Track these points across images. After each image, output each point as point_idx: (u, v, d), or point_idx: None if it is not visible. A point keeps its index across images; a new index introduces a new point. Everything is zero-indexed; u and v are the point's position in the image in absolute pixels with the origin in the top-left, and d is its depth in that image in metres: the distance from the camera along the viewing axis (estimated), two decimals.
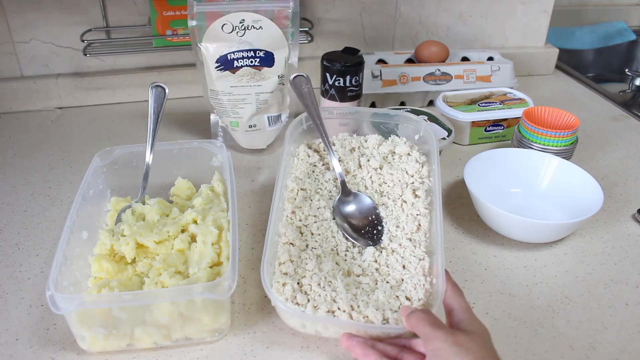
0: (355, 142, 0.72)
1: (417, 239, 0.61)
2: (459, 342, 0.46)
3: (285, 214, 0.62)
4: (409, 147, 0.71)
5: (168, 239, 0.62)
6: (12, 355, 0.53)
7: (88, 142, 0.90)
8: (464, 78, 1.00)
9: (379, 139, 0.72)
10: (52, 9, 0.94)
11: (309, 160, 0.68)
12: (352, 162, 0.69)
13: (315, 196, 0.65)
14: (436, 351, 0.46)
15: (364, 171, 0.69)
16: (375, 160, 0.69)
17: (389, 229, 0.63)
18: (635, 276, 0.65)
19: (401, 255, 0.59)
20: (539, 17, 1.15)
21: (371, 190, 0.67)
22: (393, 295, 0.54)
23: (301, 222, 0.62)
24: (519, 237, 0.68)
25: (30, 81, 0.98)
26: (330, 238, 0.61)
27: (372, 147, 0.71)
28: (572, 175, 0.73)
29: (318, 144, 0.71)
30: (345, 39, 1.07)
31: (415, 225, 0.62)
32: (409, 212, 0.64)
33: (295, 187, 0.64)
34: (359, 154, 0.71)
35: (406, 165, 0.69)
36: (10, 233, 0.70)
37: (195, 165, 0.72)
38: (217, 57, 0.78)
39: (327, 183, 0.67)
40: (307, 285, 0.55)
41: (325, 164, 0.69)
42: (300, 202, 0.63)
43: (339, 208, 0.64)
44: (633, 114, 1.03)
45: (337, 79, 0.82)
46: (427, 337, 0.47)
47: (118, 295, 0.52)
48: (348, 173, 0.68)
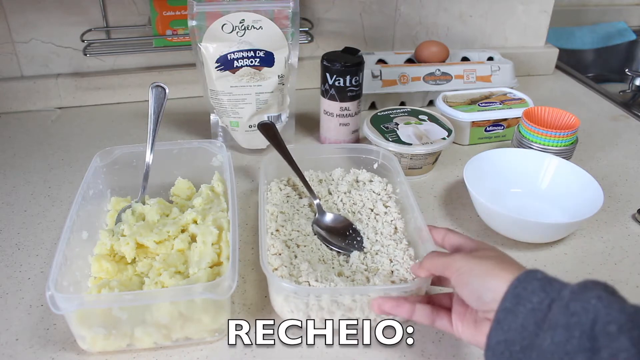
0: (322, 175, 0.77)
1: (397, 238, 0.65)
2: (477, 256, 0.47)
3: (270, 231, 0.64)
4: (370, 175, 0.76)
5: (168, 239, 0.62)
6: (12, 355, 0.53)
7: (88, 142, 0.90)
8: (464, 78, 1.00)
9: (343, 171, 0.77)
10: (52, 9, 0.94)
11: (281, 193, 0.72)
12: (322, 190, 0.74)
13: (294, 216, 0.68)
14: (460, 270, 0.46)
15: (335, 196, 0.73)
16: (343, 186, 0.74)
17: (368, 237, 0.66)
18: (635, 276, 0.65)
19: (385, 252, 0.63)
20: (539, 17, 1.15)
21: (344, 212, 0.71)
22: (388, 280, 0.57)
23: (286, 236, 0.64)
24: (519, 237, 0.68)
25: (30, 81, 0.98)
26: (315, 250, 0.64)
27: (337, 179, 0.76)
28: (572, 175, 0.73)
29: (288, 179, 0.76)
30: (345, 39, 1.07)
31: (392, 228, 0.66)
32: (384, 220, 0.68)
33: (275, 211, 0.67)
34: (327, 184, 0.76)
35: (372, 187, 0.74)
36: (10, 233, 0.70)
37: (195, 165, 0.72)
38: (217, 57, 0.78)
39: (303, 208, 0.71)
40: (305, 282, 0.56)
41: (298, 193, 0.73)
42: (282, 222, 0.66)
43: (318, 226, 0.67)
44: (633, 114, 1.03)
45: (337, 79, 0.82)
46: (447, 264, 0.48)
47: (118, 295, 0.52)
48: (320, 199, 0.72)
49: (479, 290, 0.44)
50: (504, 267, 0.45)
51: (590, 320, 0.37)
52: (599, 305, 0.37)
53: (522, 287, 0.42)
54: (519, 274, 0.43)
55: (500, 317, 0.42)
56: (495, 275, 0.44)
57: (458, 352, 0.54)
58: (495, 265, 0.45)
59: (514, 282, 0.42)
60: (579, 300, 0.38)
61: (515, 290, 0.42)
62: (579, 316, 0.37)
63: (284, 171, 0.74)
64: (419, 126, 0.83)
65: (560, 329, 0.38)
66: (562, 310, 0.39)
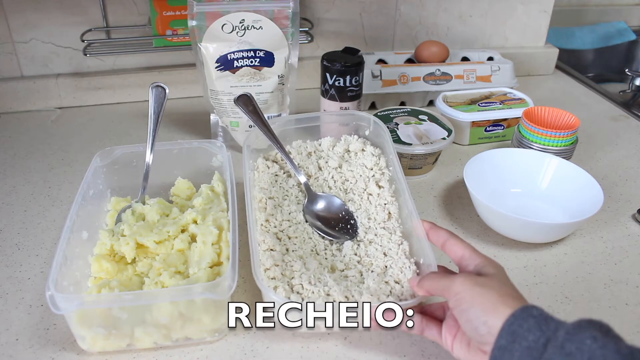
0: (310, 146, 0.74)
1: (390, 226, 0.63)
2: (479, 282, 0.46)
3: (260, 222, 0.63)
4: (362, 143, 0.73)
5: (168, 239, 0.62)
6: (12, 355, 0.53)
7: (88, 142, 0.90)
8: (464, 78, 1.00)
9: (332, 140, 0.74)
10: (52, 9, 0.94)
11: (269, 172, 0.70)
12: (311, 166, 0.71)
13: (284, 203, 0.67)
14: (458, 295, 0.46)
15: (325, 172, 0.71)
16: (333, 161, 0.71)
17: (361, 222, 0.65)
18: (635, 276, 0.65)
19: (379, 244, 0.62)
20: (539, 17, 1.15)
21: (335, 190, 0.69)
22: (382, 281, 0.56)
23: (276, 228, 0.63)
24: (519, 237, 0.68)
25: (30, 81, 0.98)
26: (307, 239, 0.63)
27: (327, 149, 0.74)
28: (572, 175, 0.73)
29: (275, 154, 0.73)
30: (345, 39, 1.07)
31: (386, 214, 0.65)
32: (377, 203, 0.66)
33: (263, 197, 0.66)
34: (317, 157, 0.73)
35: (363, 160, 0.71)
36: (10, 233, 0.70)
37: (195, 165, 0.72)
38: (217, 57, 0.78)
39: (292, 189, 0.69)
40: (299, 285, 0.56)
41: (286, 172, 0.71)
42: (272, 210, 0.65)
43: (309, 210, 0.66)
44: (633, 114, 1.03)
45: (337, 79, 0.82)
46: (446, 288, 0.47)
47: (118, 295, 0.52)
48: (310, 177, 0.70)
49: (475, 322, 0.44)
50: (504, 299, 0.44)
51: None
52: (593, 347, 0.37)
53: (517, 324, 0.42)
54: (515, 310, 0.43)
55: (497, 354, 0.42)
56: (493, 310, 0.44)
57: None
58: (495, 298, 0.44)
59: (509, 318, 0.42)
60: (573, 341, 0.38)
61: (511, 327, 0.42)
62: (574, 357, 0.38)
63: (271, 147, 0.70)
64: (419, 126, 0.83)
65: None
66: (557, 350, 0.39)
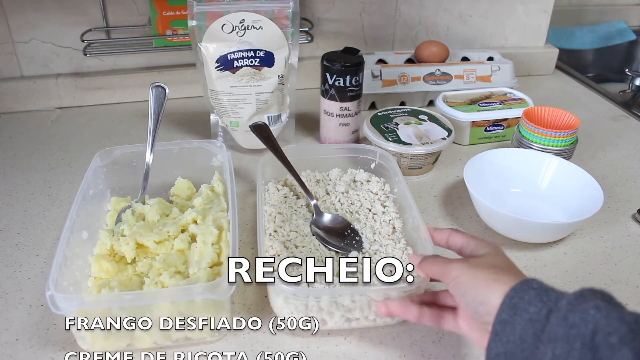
0: (319, 175, 0.77)
1: (395, 238, 0.65)
2: (474, 264, 0.47)
3: (268, 232, 0.64)
4: (367, 175, 0.75)
5: (168, 239, 0.62)
6: (12, 355, 0.53)
7: (88, 142, 0.90)
8: (464, 78, 1.00)
9: (340, 171, 0.77)
10: (52, 9, 0.94)
11: (279, 194, 0.72)
12: (320, 190, 0.74)
13: (292, 217, 0.68)
14: (456, 279, 0.46)
15: (332, 196, 0.73)
16: (340, 187, 0.73)
17: (366, 237, 0.66)
18: (635, 276, 0.65)
19: (384, 252, 0.63)
20: (539, 17, 1.15)
21: (342, 212, 0.71)
22: None
23: (284, 237, 0.64)
24: (519, 237, 0.68)
25: (30, 81, 0.98)
26: (314, 250, 0.64)
27: (334, 179, 0.76)
28: (572, 175, 0.73)
29: (285, 180, 0.75)
30: (345, 39, 1.07)
31: (390, 228, 0.66)
32: (382, 220, 0.68)
33: (273, 211, 0.67)
34: (325, 184, 0.75)
35: (369, 187, 0.74)
36: (10, 233, 0.70)
37: (195, 165, 0.72)
38: (217, 57, 0.78)
39: (300, 208, 0.71)
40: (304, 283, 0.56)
41: (296, 194, 0.73)
42: (280, 223, 0.66)
43: (316, 226, 0.67)
44: (633, 114, 1.03)
45: (337, 79, 0.82)
46: (444, 273, 0.48)
47: (118, 295, 0.52)
48: (318, 199, 0.72)
49: (473, 304, 0.44)
50: (499, 277, 0.44)
51: (590, 331, 0.37)
52: (597, 316, 0.37)
53: (518, 297, 0.41)
54: (514, 284, 0.43)
55: (498, 328, 0.41)
56: (487, 288, 0.44)
57: (458, 352, 0.54)
58: (490, 276, 0.44)
59: (509, 292, 0.42)
60: (577, 311, 0.38)
61: (512, 300, 0.42)
62: (578, 327, 0.37)
63: (282, 172, 0.73)
64: (419, 126, 0.83)
65: (560, 341, 0.38)
66: (561, 321, 0.38)
